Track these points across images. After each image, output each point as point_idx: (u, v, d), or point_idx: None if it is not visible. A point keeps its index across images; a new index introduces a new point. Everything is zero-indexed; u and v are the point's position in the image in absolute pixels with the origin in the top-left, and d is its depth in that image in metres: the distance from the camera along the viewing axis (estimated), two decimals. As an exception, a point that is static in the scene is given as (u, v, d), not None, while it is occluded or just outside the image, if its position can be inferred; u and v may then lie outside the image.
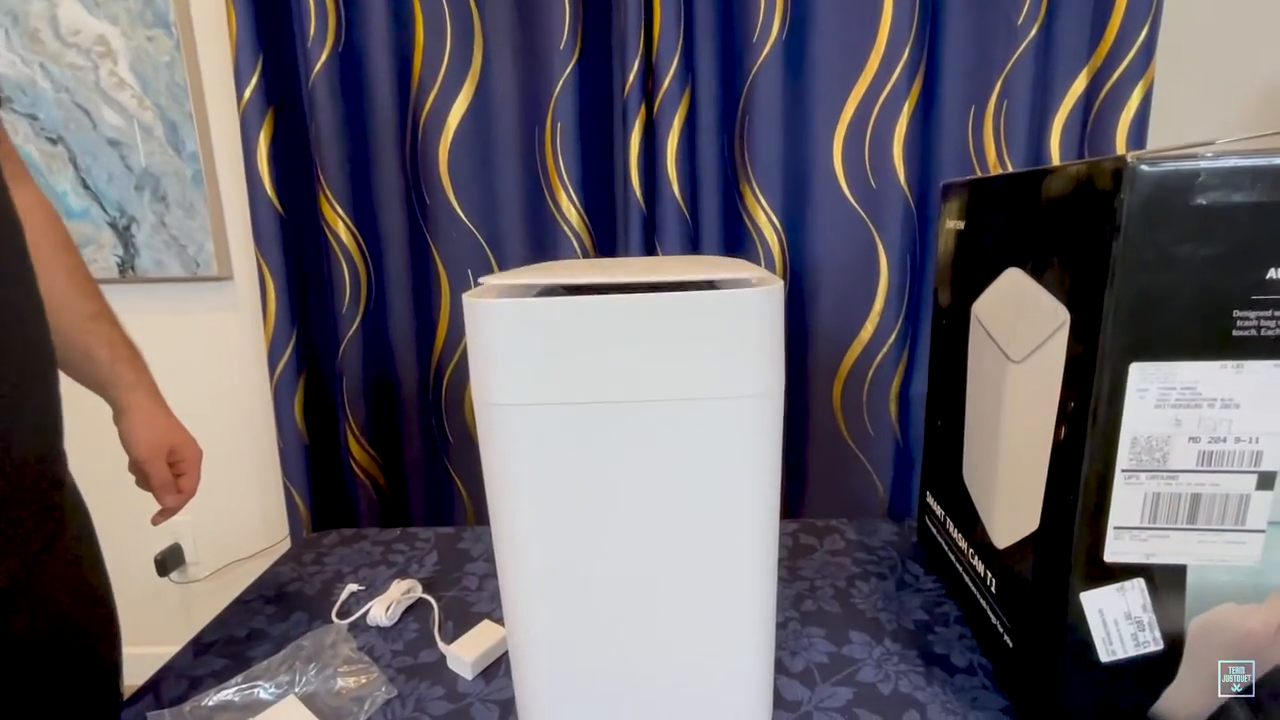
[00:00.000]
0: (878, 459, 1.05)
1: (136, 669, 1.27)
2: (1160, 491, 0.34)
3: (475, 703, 0.46)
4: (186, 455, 0.59)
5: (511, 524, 0.36)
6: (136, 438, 0.56)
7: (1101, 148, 0.88)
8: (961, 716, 0.44)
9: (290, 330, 1.02)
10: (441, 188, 0.98)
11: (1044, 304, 0.38)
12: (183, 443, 0.59)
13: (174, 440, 0.58)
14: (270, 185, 0.96)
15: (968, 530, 0.52)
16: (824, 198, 0.95)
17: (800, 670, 0.48)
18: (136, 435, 0.56)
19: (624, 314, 0.32)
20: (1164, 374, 0.33)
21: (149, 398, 0.58)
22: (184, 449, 0.59)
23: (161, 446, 0.57)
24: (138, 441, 0.56)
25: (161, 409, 0.59)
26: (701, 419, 0.33)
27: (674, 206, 0.95)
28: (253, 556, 1.25)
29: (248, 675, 0.47)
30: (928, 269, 0.99)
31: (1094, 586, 0.36)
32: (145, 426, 0.57)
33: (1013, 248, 0.43)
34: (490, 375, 0.34)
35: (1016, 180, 0.43)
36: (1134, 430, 0.34)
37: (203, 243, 1.06)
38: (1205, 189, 0.30)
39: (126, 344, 0.58)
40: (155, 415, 0.58)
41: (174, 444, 0.58)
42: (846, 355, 1.02)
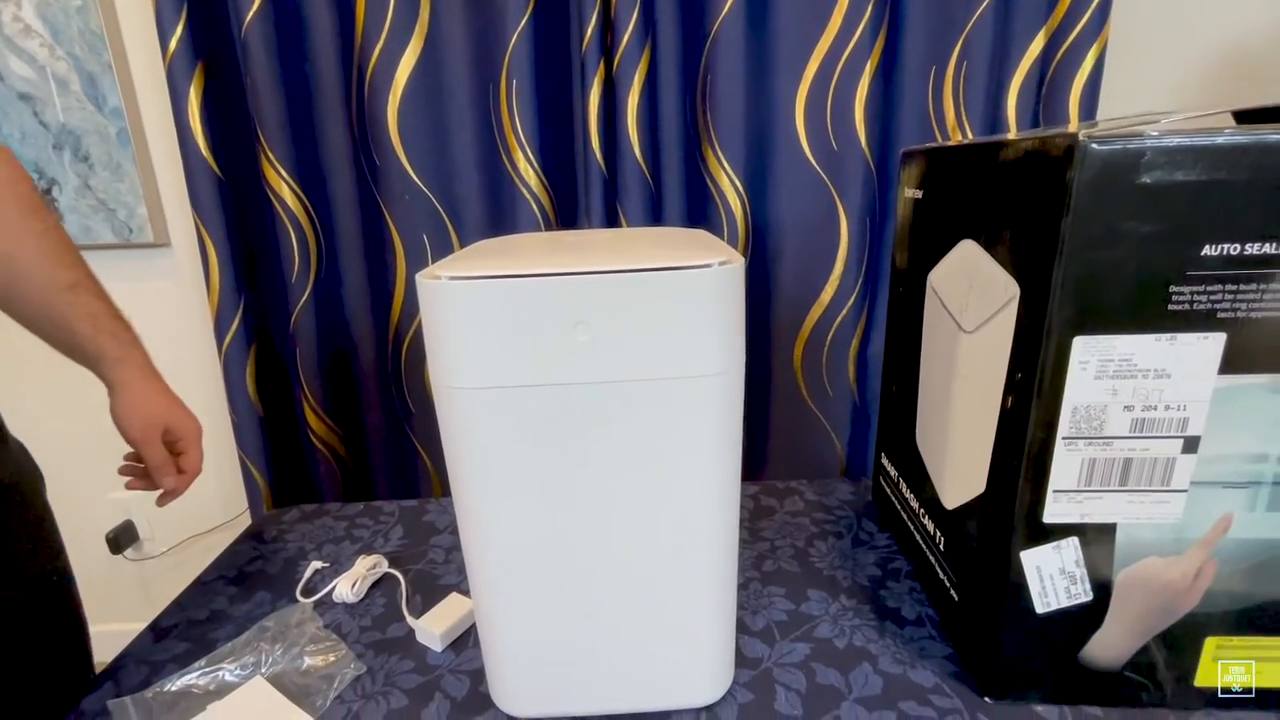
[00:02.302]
0: (836, 418, 1.08)
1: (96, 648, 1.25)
2: (1096, 457, 0.36)
3: (446, 674, 0.47)
4: (185, 433, 0.56)
5: (474, 504, 0.36)
6: (127, 417, 0.52)
7: (1056, 111, 0.89)
8: (910, 665, 0.46)
9: (237, 300, 0.98)
10: (391, 148, 0.94)
11: (996, 277, 0.39)
12: (179, 420, 0.55)
13: (169, 418, 0.55)
14: (205, 146, 0.90)
15: (919, 490, 0.54)
16: (786, 160, 0.95)
17: (761, 629, 0.51)
18: (127, 414, 0.52)
19: (581, 294, 0.32)
20: (1104, 346, 0.34)
21: (139, 374, 0.54)
22: (181, 426, 0.55)
23: (155, 426, 0.53)
24: (129, 421, 0.52)
25: (154, 385, 0.55)
26: (662, 399, 0.33)
27: (636, 169, 0.94)
28: (211, 531, 1.22)
29: (211, 658, 0.47)
30: (886, 231, 1.01)
31: (1033, 545, 0.39)
32: (136, 405, 0.53)
33: (967, 219, 0.44)
34: (447, 358, 0.33)
35: (971, 151, 0.43)
36: (1075, 400, 0.35)
37: (134, 207, 1.00)
38: (1150, 168, 0.31)
39: (112, 316, 0.54)
40: (147, 392, 0.54)
41: (169, 422, 0.54)
42: (807, 317, 1.03)
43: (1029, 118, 0.92)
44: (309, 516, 0.69)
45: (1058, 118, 0.90)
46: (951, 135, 0.94)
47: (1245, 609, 0.38)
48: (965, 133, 0.93)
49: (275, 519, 0.68)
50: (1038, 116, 0.92)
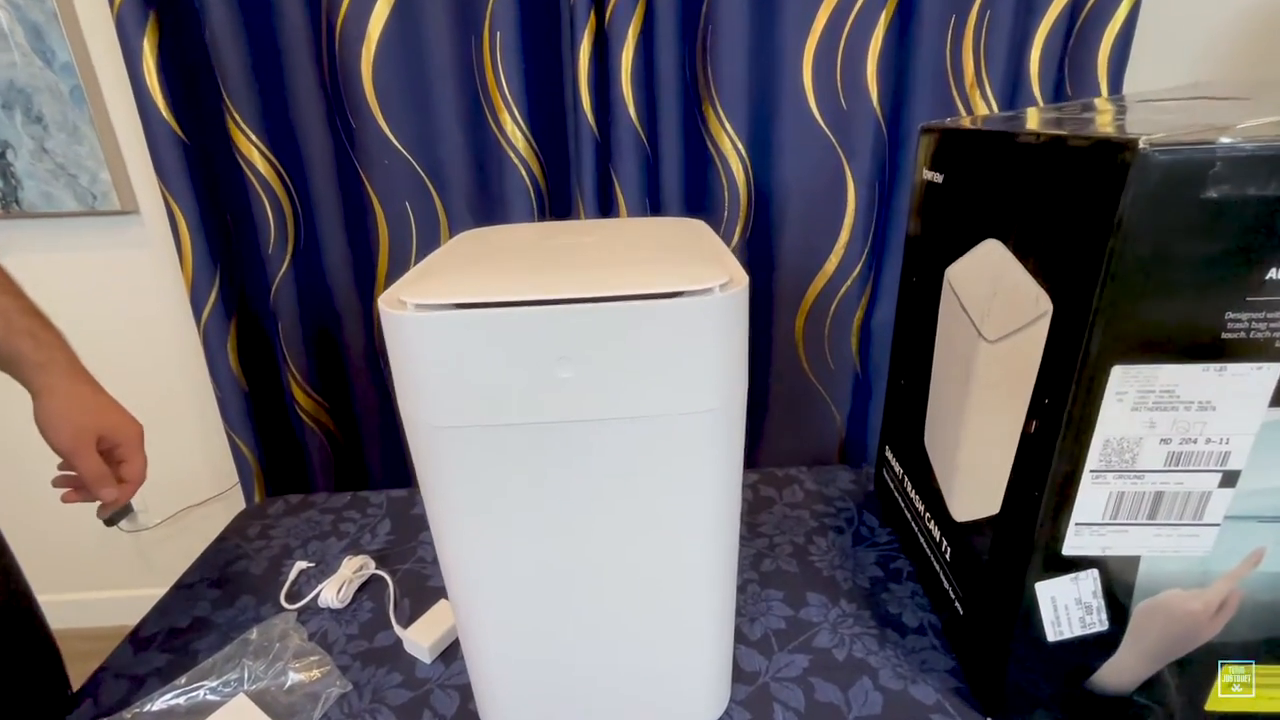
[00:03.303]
0: (836, 390, 1.05)
1: (102, 612, 1.25)
2: (1125, 490, 0.34)
3: (435, 689, 0.46)
4: (123, 439, 0.51)
5: (453, 544, 0.33)
6: (53, 426, 0.48)
7: (1082, 69, 0.83)
8: (911, 680, 0.45)
9: (212, 271, 0.93)
10: (368, 108, 0.87)
11: (1025, 288, 0.36)
12: (115, 425, 0.50)
13: (103, 425, 0.50)
14: (166, 108, 0.83)
15: (925, 493, 0.52)
16: (792, 121, 0.88)
17: (759, 638, 0.49)
18: (53, 424, 0.48)
19: (563, 327, 0.28)
20: (1145, 377, 0.31)
21: (64, 378, 0.49)
22: (118, 431, 0.50)
23: (85, 433, 0.49)
24: (55, 431, 0.48)
25: (83, 389, 0.50)
26: (655, 437, 0.30)
27: (630, 130, 0.87)
28: (205, 503, 1.21)
29: (192, 675, 0.45)
30: (896, 197, 0.95)
31: (1049, 577, 0.37)
32: (62, 413, 0.48)
33: (994, 216, 0.40)
34: (417, 394, 0.30)
35: (1003, 141, 0.39)
36: (1107, 432, 0.32)
37: (96, 172, 0.94)
38: (1219, 180, 0.27)
39: (27, 314, 0.49)
40: (74, 398, 0.49)
41: (103, 429, 0.49)
42: (810, 287, 0.99)
43: (1053, 76, 0.85)
44: (294, 509, 0.67)
45: (1084, 76, 0.83)
46: (970, 93, 0.87)
47: (1267, 639, 0.37)
48: (985, 90, 0.86)
49: (259, 512, 0.66)
50: (1062, 74, 0.85)
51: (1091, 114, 0.40)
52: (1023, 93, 0.86)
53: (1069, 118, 0.40)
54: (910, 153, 0.91)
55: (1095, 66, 0.82)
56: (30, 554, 0.51)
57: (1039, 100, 0.86)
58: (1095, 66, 0.82)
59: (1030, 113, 0.48)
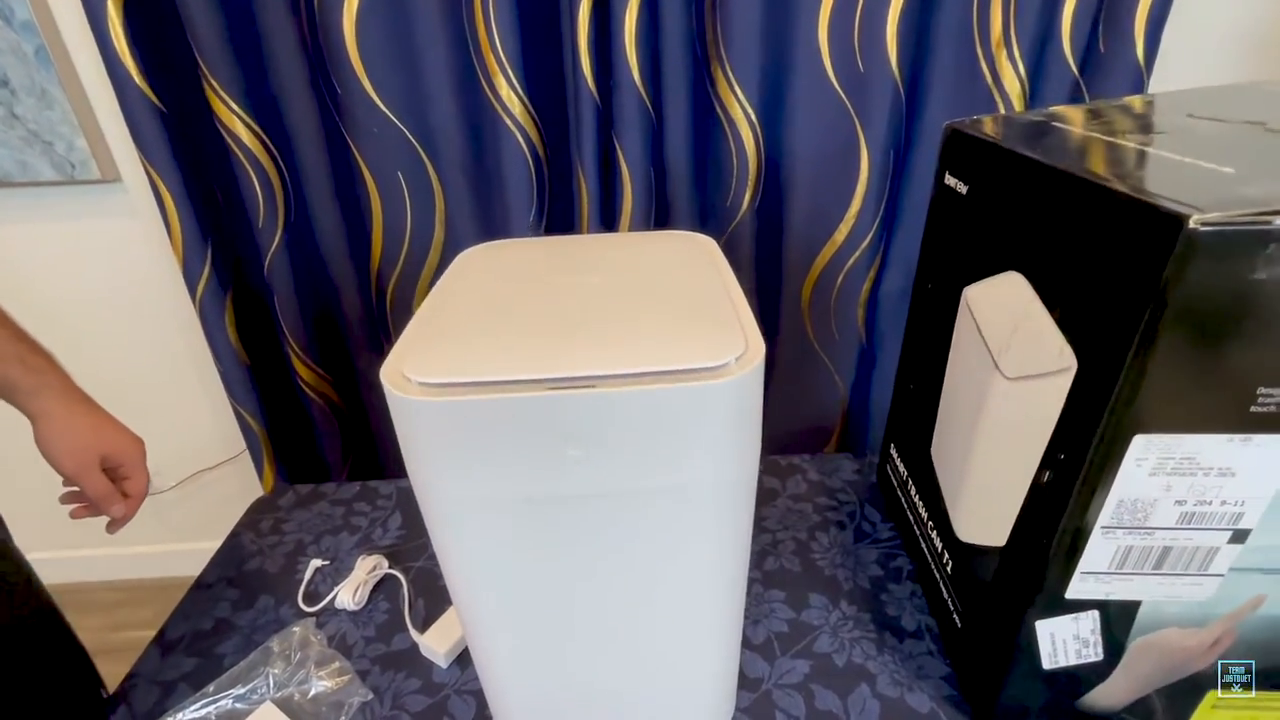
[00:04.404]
0: (841, 360, 1.05)
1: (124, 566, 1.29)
2: (1134, 545, 0.34)
3: (452, 695, 0.48)
4: (125, 458, 0.51)
5: (469, 603, 0.34)
6: (55, 451, 0.48)
7: (1118, 32, 0.77)
8: (907, 687, 0.47)
9: (203, 245, 0.91)
10: (353, 72, 0.82)
11: (1049, 338, 0.34)
12: (116, 445, 0.51)
13: (105, 445, 0.50)
14: (137, 71, 0.78)
15: (930, 502, 0.52)
16: (806, 83, 0.83)
17: (762, 641, 0.51)
18: (55, 448, 0.48)
19: (570, 410, 0.27)
20: (1166, 445, 0.30)
21: (60, 401, 0.49)
22: (121, 452, 0.51)
23: (88, 455, 0.49)
24: (58, 456, 0.48)
25: (80, 409, 0.50)
26: (666, 509, 0.30)
27: (633, 93, 0.82)
28: (217, 466, 1.23)
29: (219, 684, 0.47)
30: (910, 164, 0.91)
31: (1050, 616, 0.37)
32: (63, 436, 0.48)
33: (1020, 248, 0.38)
34: (426, 472, 0.29)
35: (1038, 170, 0.36)
36: (1122, 494, 0.32)
37: (71, 139, 0.89)
38: (1272, 263, 0.25)
39: (14, 340, 0.48)
40: (72, 421, 0.49)
41: (105, 449, 0.50)
42: (818, 259, 0.97)
43: (1085, 35, 0.79)
44: (305, 501, 0.68)
45: (1119, 33, 0.78)
46: (995, 53, 0.82)
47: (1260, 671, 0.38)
48: (1012, 51, 0.81)
49: (270, 505, 0.67)
50: (1096, 32, 0.79)
51: (1137, 136, 0.38)
52: (1052, 53, 0.81)
53: (1108, 138, 0.38)
54: (928, 120, 0.86)
55: (1132, 25, 0.77)
56: (57, 512, 0.53)
57: (1070, 61, 0.81)
58: (1132, 25, 0.77)
59: (1068, 114, 0.45)
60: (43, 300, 1.05)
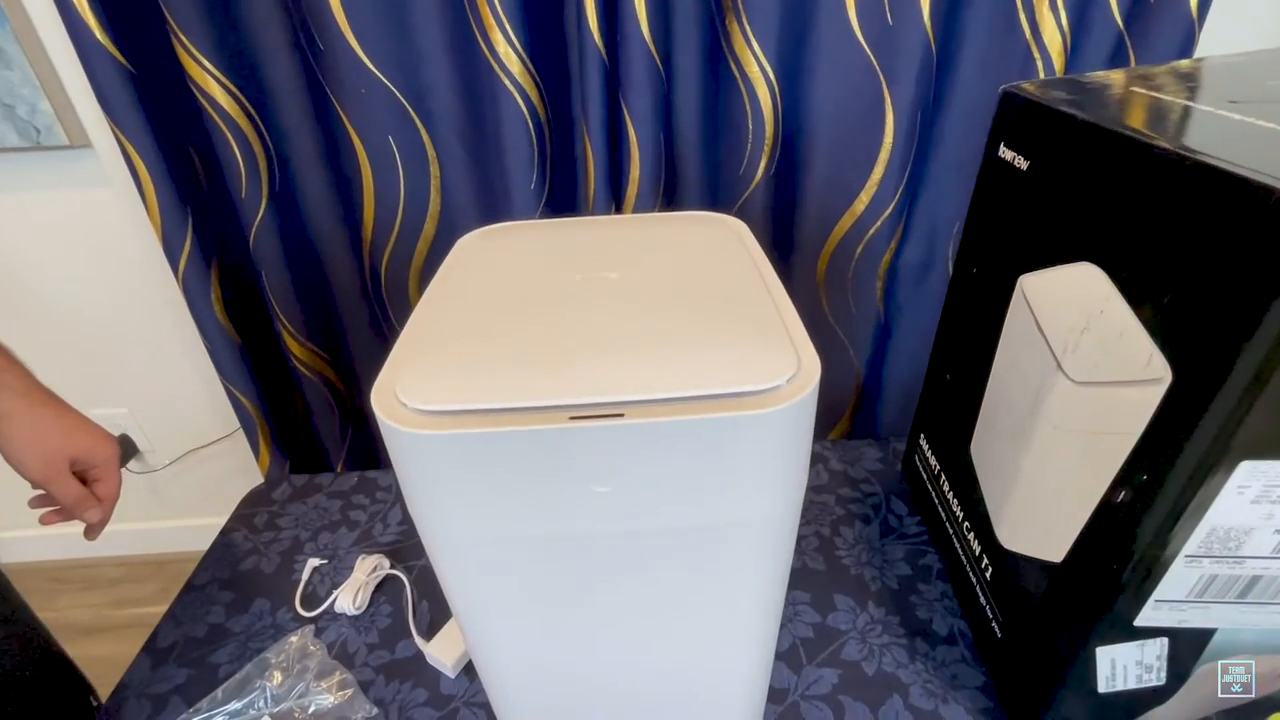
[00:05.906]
0: (857, 334, 1.01)
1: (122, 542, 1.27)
2: (1220, 574, 0.30)
3: (461, 707, 0.45)
4: (97, 460, 0.48)
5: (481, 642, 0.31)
6: (21, 456, 0.44)
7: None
8: (941, 699, 0.45)
9: (183, 216, 0.85)
10: (337, 27, 0.75)
11: (1136, 343, 0.30)
12: (86, 448, 0.47)
13: (74, 448, 0.46)
14: (99, 28, 0.71)
15: (966, 500, 0.49)
16: (829, 39, 0.77)
17: (787, 648, 0.48)
18: (20, 453, 0.44)
19: (595, 443, 0.23)
20: (1274, 472, 0.27)
21: (22, 399, 0.45)
22: (91, 454, 0.47)
23: (57, 458, 0.45)
24: (24, 461, 0.44)
25: (47, 411, 0.46)
26: (702, 548, 0.26)
27: (643, 51, 0.76)
28: (212, 444, 1.20)
29: (213, 699, 0.45)
30: (937, 128, 0.85)
31: (1114, 643, 0.34)
32: (29, 441, 0.45)
33: (1099, 236, 0.33)
34: (427, 509, 0.26)
35: (1130, 146, 0.31)
36: (1215, 522, 0.29)
37: (34, 102, 0.83)
38: None
39: None
40: (37, 422, 0.45)
41: (75, 453, 0.46)
42: (835, 229, 0.91)
43: (1140, -16, 0.72)
44: (301, 493, 0.64)
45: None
46: (1036, 5, 0.75)
47: (1330, 697, 0.35)
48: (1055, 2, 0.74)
49: (263, 497, 0.64)
50: (1151, -20, 0.72)
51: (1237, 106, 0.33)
52: (1097, 5, 0.74)
53: (1205, 107, 0.33)
54: (959, 78, 0.80)
55: (1193, -28, 0.70)
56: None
57: (1115, 13, 0.74)
58: (1193, -28, 0.70)
59: (1149, 75, 0.40)
60: (14, 274, 0.99)
